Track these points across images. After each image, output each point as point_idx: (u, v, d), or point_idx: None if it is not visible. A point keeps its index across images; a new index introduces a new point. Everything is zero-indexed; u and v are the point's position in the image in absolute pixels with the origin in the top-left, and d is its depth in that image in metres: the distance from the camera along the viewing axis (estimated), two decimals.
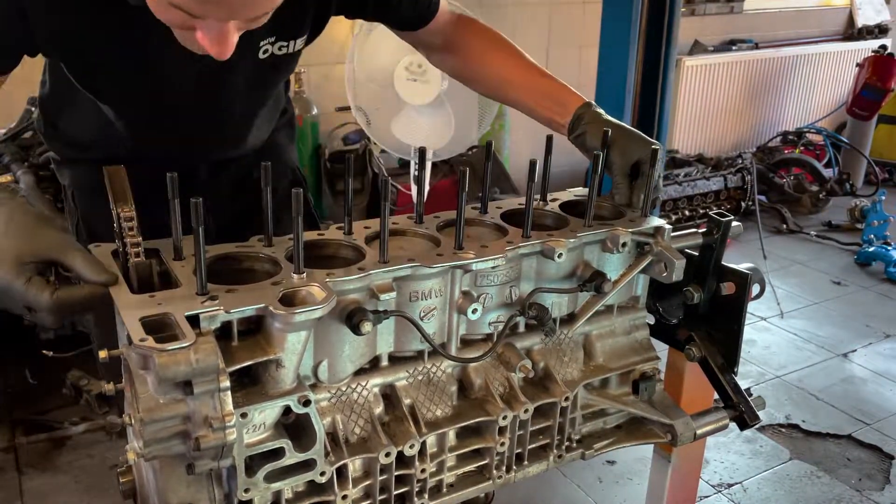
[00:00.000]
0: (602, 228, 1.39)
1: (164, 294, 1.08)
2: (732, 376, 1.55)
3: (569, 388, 1.38)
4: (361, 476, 1.24)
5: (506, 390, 1.36)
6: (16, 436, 2.99)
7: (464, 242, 1.28)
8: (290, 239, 1.20)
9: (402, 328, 1.24)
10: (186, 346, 0.94)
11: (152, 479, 1.10)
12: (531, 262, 1.34)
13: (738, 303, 1.51)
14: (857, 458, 3.12)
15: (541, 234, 1.35)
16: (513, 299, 1.33)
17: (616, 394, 1.50)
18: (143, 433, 0.97)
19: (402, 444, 1.22)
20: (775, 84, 6.32)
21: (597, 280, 1.36)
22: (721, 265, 1.51)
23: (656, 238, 1.42)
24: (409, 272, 1.21)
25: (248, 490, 1.09)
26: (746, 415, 1.53)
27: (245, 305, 1.05)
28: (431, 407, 1.29)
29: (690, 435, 1.48)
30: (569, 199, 1.56)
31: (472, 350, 1.33)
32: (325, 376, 1.19)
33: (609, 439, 1.49)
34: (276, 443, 1.09)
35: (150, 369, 0.95)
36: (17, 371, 3.19)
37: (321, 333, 1.15)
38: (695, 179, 5.33)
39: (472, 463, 1.35)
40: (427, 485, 1.30)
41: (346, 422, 1.22)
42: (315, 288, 1.10)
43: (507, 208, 1.49)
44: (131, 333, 0.96)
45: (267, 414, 1.08)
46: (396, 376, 1.28)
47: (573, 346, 1.44)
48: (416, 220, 1.41)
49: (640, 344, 1.53)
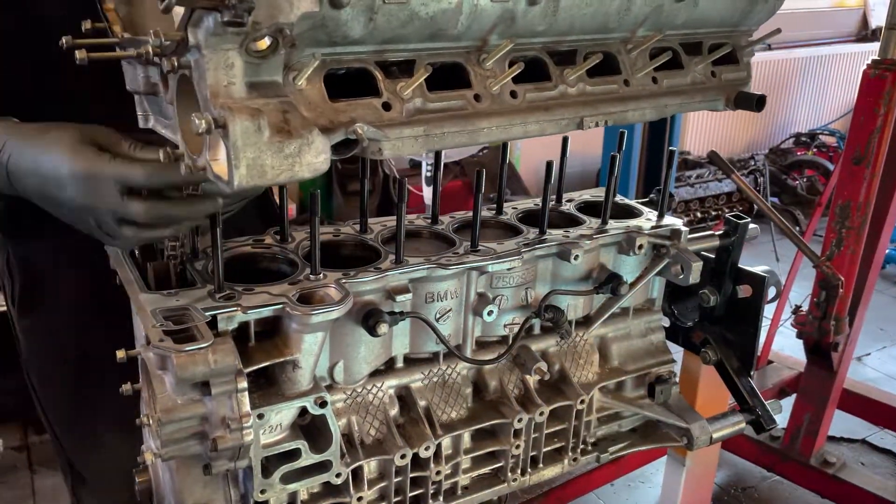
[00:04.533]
0: (618, 230, 1.38)
1: (182, 293, 1.08)
2: (749, 379, 1.54)
3: (584, 391, 1.37)
4: (376, 478, 1.24)
5: (521, 392, 1.35)
6: (28, 435, 3.01)
7: (479, 243, 1.28)
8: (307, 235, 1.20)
9: (417, 330, 1.24)
10: (204, 346, 0.94)
11: (169, 479, 1.10)
12: (547, 263, 1.33)
13: (754, 305, 1.50)
14: (870, 463, 3.10)
15: (556, 236, 1.34)
16: (528, 301, 1.33)
17: (631, 397, 1.49)
18: (161, 433, 0.97)
19: (418, 446, 1.22)
20: (788, 85, 6.30)
21: (613, 282, 1.35)
22: (738, 267, 1.50)
23: (673, 240, 1.41)
24: (425, 273, 1.20)
25: (264, 491, 1.09)
26: (763, 418, 1.52)
27: (261, 305, 1.05)
28: (446, 409, 1.29)
29: (706, 439, 1.46)
30: (584, 201, 1.55)
31: (487, 352, 1.33)
32: (340, 377, 1.18)
33: (624, 442, 1.48)
34: (292, 444, 1.08)
35: (168, 370, 0.95)
36: None
37: (337, 334, 1.14)
38: (707, 181, 5.31)
39: (487, 465, 1.35)
40: (442, 487, 1.29)
41: (362, 423, 1.22)
42: (332, 289, 1.10)
43: (522, 209, 1.48)
44: (149, 334, 0.96)
45: (283, 415, 1.08)
46: (412, 378, 1.27)
47: (588, 348, 1.43)
48: (432, 221, 1.41)
49: (655, 347, 1.52)
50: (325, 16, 0.86)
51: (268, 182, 0.86)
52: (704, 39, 1.27)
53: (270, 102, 0.85)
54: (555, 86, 1.11)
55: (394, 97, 0.97)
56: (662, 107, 1.22)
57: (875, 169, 2.39)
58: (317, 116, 0.91)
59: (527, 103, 1.08)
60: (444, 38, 0.99)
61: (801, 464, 2.78)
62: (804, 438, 2.78)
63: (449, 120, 1.01)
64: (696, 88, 1.26)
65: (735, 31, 1.30)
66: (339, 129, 0.91)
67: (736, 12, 1.24)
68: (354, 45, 0.93)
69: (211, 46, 0.81)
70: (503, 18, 1.00)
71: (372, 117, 0.95)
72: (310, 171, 0.88)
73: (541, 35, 1.07)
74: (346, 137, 0.91)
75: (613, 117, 1.17)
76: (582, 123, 1.14)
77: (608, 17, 1.10)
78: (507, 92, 1.06)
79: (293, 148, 0.85)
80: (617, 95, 1.17)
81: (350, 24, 0.89)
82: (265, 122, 0.83)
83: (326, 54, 0.92)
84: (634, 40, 1.17)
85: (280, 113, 0.85)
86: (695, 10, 1.18)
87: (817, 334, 2.57)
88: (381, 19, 0.90)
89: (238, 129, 0.82)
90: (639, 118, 1.21)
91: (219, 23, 0.77)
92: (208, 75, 0.82)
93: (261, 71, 0.86)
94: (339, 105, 0.93)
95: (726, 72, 1.31)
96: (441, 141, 1.01)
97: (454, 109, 1.02)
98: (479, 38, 1.02)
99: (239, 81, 0.84)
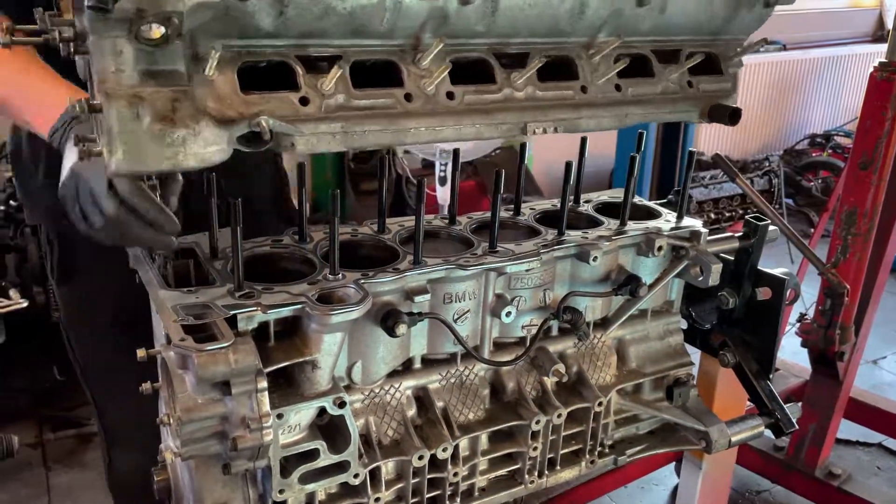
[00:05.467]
0: (637, 231, 1.37)
1: (201, 291, 1.08)
2: (768, 383, 1.53)
3: (602, 393, 1.37)
4: (394, 478, 1.24)
5: (538, 394, 1.34)
6: (43, 432, 3.03)
7: (497, 244, 1.27)
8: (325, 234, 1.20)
9: (435, 330, 1.23)
10: (226, 346, 0.94)
11: (188, 478, 1.10)
12: (565, 265, 1.33)
13: (774, 308, 1.48)
14: (887, 467, 3.07)
15: (575, 237, 1.33)
16: (546, 302, 1.32)
17: (649, 399, 1.48)
18: (182, 433, 0.97)
19: (435, 448, 1.21)
20: (803, 86, 6.25)
21: (631, 284, 1.35)
22: (757, 269, 1.48)
23: (693, 242, 1.40)
24: (444, 274, 1.20)
25: (282, 491, 1.09)
26: (782, 422, 1.51)
27: (281, 304, 1.05)
28: (464, 410, 1.28)
29: (725, 442, 1.45)
30: (602, 201, 1.54)
31: (505, 353, 1.32)
32: (358, 378, 1.18)
33: (642, 445, 1.47)
34: (311, 444, 1.08)
35: (189, 369, 0.95)
36: (45, 368, 3.22)
37: (355, 335, 1.14)
38: (721, 182, 5.28)
39: (505, 467, 1.34)
40: (459, 488, 1.29)
41: (379, 424, 1.21)
42: (351, 289, 1.10)
43: (540, 210, 1.47)
44: (169, 329, 0.96)
45: (302, 415, 1.08)
46: (429, 379, 1.27)
47: (606, 350, 1.42)
48: (450, 222, 1.40)
49: (673, 349, 1.51)
50: (229, 6, 0.85)
51: (148, 169, 0.87)
52: (682, 47, 1.22)
53: (161, 91, 0.85)
54: (499, 88, 1.08)
55: (313, 92, 0.95)
56: (623, 115, 1.18)
57: (882, 174, 2.31)
58: (225, 108, 0.90)
59: (465, 105, 1.05)
60: (372, 35, 0.97)
61: (806, 475, 2.74)
62: (809, 449, 2.74)
63: (372, 118, 0.99)
64: (666, 98, 1.21)
65: (717, 40, 1.24)
66: (242, 121, 0.90)
67: (715, 19, 1.19)
68: (270, 38, 0.92)
69: (97, 32, 0.81)
70: (433, 16, 0.98)
71: (287, 111, 0.94)
72: (196, 160, 0.88)
73: (482, 36, 1.04)
74: (251, 130, 0.91)
75: (564, 124, 1.14)
76: (525, 129, 1.10)
77: (558, 20, 1.06)
78: (442, 93, 1.04)
79: (177, 137, 0.85)
80: (571, 102, 1.13)
81: (259, 16, 0.88)
82: (146, 109, 0.83)
83: (239, 47, 0.91)
84: (596, 45, 1.13)
85: (169, 101, 0.85)
86: (661, 16, 1.13)
87: (822, 343, 2.52)
88: (291, 12, 0.89)
89: (114, 114, 0.82)
90: (594, 126, 1.17)
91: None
92: (95, 60, 0.83)
93: (157, 59, 0.85)
94: (251, 97, 0.92)
95: (706, 82, 1.25)
96: (362, 139, 1.00)
97: (380, 108, 1.00)
98: (410, 35, 0.99)
99: (129, 69, 0.84)
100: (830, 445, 2.79)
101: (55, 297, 1.79)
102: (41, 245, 1.74)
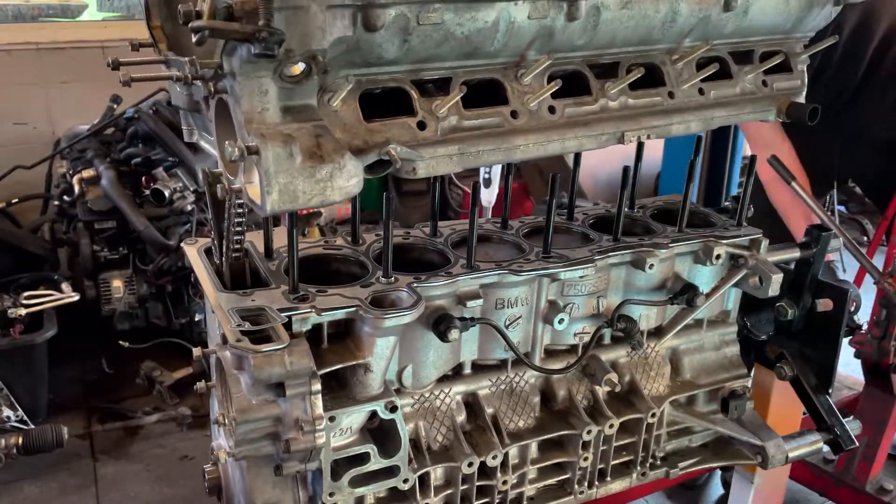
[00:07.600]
0: (695, 238, 1.34)
1: (257, 293, 1.08)
2: (827, 397, 1.48)
3: (655, 404, 1.33)
4: (443, 485, 1.22)
5: (590, 403, 1.32)
6: (91, 423, 3.09)
7: (551, 249, 1.25)
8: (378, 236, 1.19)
9: (486, 336, 1.22)
10: (281, 348, 0.93)
11: (239, 478, 1.10)
12: (620, 272, 1.30)
13: (835, 320, 1.43)
14: None
15: (631, 244, 1.30)
16: (600, 310, 1.30)
17: (703, 411, 1.44)
18: (236, 433, 0.97)
19: (485, 455, 1.20)
20: None
21: (688, 293, 1.31)
22: (818, 280, 1.44)
23: (752, 250, 1.36)
24: (496, 279, 1.18)
25: (332, 494, 1.08)
26: (841, 439, 1.46)
27: (335, 307, 1.05)
28: (514, 417, 1.27)
29: (782, 458, 1.41)
30: (658, 207, 1.51)
31: (556, 361, 1.30)
32: (409, 382, 1.17)
33: (694, 458, 1.44)
34: (361, 448, 1.08)
35: (244, 370, 0.95)
36: (94, 360, 3.29)
37: (407, 339, 1.13)
38: None
39: (554, 476, 1.32)
40: (508, 496, 1.27)
41: (429, 429, 1.20)
42: (404, 293, 1.09)
43: (593, 215, 1.45)
44: (227, 333, 0.97)
45: (354, 418, 1.07)
46: (479, 384, 1.25)
47: (660, 360, 1.39)
48: (502, 226, 1.39)
49: (729, 360, 1.46)
50: (360, 39, 0.85)
51: (300, 206, 0.86)
52: (756, 48, 1.22)
53: (304, 127, 0.85)
54: (595, 100, 1.07)
55: (429, 116, 0.96)
56: (709, 119, 1.17)
57: None
58: (351, 137, 0.90)
59: (565, 119, 1.05)
60: (481, 56, 0.97)
61: (856, 490, 2.66)
62: (860, 463, 2.66)
63: (484, 138, 0.99)
64: (745, 99, 1.21)
65: (788, 39, 1.24)
66: (372, 150, 0.90)
67: (790, 19, 1.18)
68: (389, 66, 0.92)
69: (245, 74, 0.82)
70: (541, 35, 0.98)
71: (407, 137, 0.94)
72: (341, 194, 0.88)
73: (581, 49, 1.04)
74: (380, 158, 0.91)
75: (656, 131, 1.13)
76: (623, 138, 1.10)
77: (651, 30, 1.06)
78: (545, 108, 1.03)
79: (325, 173, 0.85)
80: (661, 108, 1.13)
81: (385, 46, 0.88)
82: (297, 147, 0.83)
83: (361, 75, 0.91)
84: (680, 51, 1.13)
85: (313, 137, 0.85)
86: (744, 18, 1.13)
87: (876, 355, 2.45)
88: (415, 40, 0.89)
89: (270, 156, 0.82)
90: (683, 131, 1.16)
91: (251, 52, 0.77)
92: (243, 101, 0.83)
93: (295, 95, 0.86)
94: (373, 125, 0.92)
95: (778, 81, 1.24)
96: (476, 159, 0.99)
97: (490, 127, 1.00)
98: (516, 54, 1.00)
99: (273, 107, 0.84)
100: (883, 460, 2.70)
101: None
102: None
